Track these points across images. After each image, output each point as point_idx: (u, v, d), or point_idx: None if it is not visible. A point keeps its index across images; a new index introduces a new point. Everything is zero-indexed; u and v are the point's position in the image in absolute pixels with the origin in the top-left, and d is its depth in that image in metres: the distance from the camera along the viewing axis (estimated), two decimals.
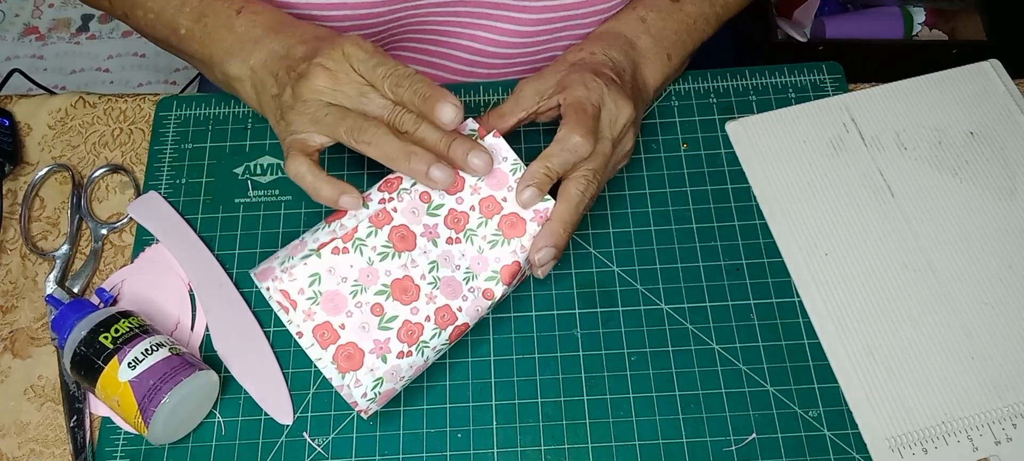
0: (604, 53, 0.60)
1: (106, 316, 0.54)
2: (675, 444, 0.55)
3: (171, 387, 0.51)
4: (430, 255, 0.53)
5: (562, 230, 0.55)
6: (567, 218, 0.55)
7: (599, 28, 0.65)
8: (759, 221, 0.62)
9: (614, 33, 0.63)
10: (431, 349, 0.52)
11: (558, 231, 0.55)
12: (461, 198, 0.54)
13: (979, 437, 0.54)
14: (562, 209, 0.55)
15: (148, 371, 0.51)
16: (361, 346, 0.51)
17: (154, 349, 0.52)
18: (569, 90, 0.56)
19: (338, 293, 0.51)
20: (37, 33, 1.72)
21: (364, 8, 0.62)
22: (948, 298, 0.58)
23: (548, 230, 0.55)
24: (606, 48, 0.61)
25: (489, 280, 0.53)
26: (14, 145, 0.66)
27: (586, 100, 0.56)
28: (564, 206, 0.55)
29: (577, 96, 0.56)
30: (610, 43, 0.62)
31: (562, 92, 0.57)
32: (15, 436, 0.56)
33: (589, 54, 0.60)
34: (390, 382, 0.51)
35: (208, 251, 0.62)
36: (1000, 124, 0.64)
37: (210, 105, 0.68)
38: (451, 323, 0.52)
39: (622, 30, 0.63)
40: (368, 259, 0.52)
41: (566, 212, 0.55)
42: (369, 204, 0.53)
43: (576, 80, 0.57)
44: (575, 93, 0.56)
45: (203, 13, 0.59)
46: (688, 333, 0.58)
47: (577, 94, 0.56)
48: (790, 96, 0.67)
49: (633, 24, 0.64)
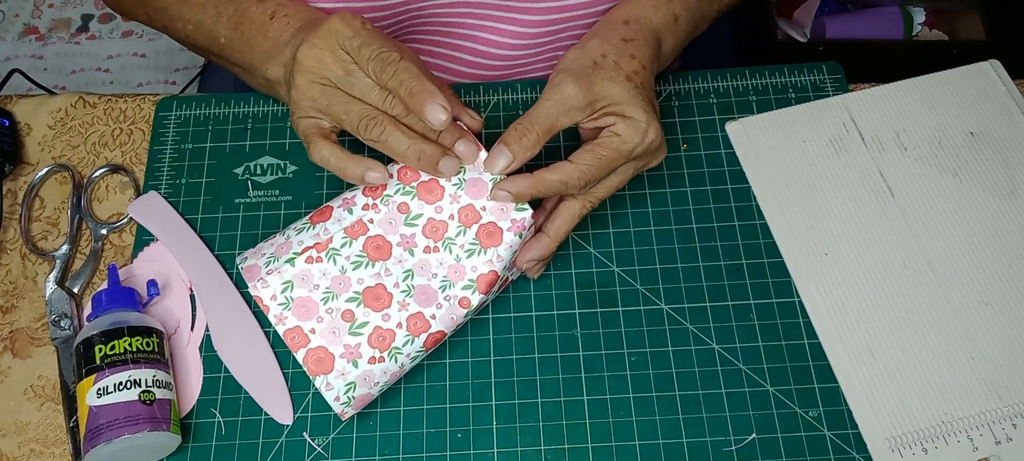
0: (641, 62, 0.57)
1: (123, 326, 0.53)
2: (675, 444, 0.55)
3: (113, 436, 0.50)
4: (406, 264, 0.53)
5: (555, 245, 0.56)
6: (564, 234, 0.56)
7: (632, 12, 0.60)
8: (759, 221, 0.62)
9: (650, 31, 0.59)
10: (405, 356, 0.53)
11: (552, 247, 0.56)
12: (440, 207, 0.54)
13: (979, 437, 0.54)
14: (561, 226, 0.55)
15: (107, 407, 0.51)
16: (331, 350, 0.51)
17: (127, 386, 0.52)
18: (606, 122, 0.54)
19: (309, 299, 0.52)
20: (37, 33, 1.72)
21: (367, 10, 0.62)
22: (948, 298, 0.58)
23: (542, 244, 0.55)
24: (642, 52, 0.57)
25: (466, 289, 0.54)
26: (14, 145, 0.66)
27: (618, 148, 0.54)
28: (564, 225, 0.56)
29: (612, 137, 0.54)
30: (645, 46, 0.58)
31: (596, 113, 0.54)
32: (15, 436, 0.56)
33: (627, 60, 0.56)
34: (364, 387, 0.52)
35: (208, 251, 0.62)
36: (1000, 124, 0.64)
37: (210, 105, 0.68)
38: (425, 330, 0.53)
39: (657, 28, 0.60)
40: (341, 268, 0.53)
41: (564, 229, 0.56)
42: (353, 209, 0.54)
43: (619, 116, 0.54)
44: (615, 131, 0.54)
45: (239, 21, 0.60)
46: (688, 333, 0.58)
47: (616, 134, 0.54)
48: (790, 96, 0.67)
49: (667, 23, 0.60)
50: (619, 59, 0.56)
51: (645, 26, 0.59)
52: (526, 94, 0.68)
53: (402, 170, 0.54)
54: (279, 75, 0.58)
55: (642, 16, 0.59)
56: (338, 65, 0.53)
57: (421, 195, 0.54)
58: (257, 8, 0.59)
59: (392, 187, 0.54)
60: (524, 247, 0.55)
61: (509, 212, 0.54)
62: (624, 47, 0.57)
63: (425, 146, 0.52)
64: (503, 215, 0.54)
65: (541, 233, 0.56)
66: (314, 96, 0.54)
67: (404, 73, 0.51)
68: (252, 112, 0.67)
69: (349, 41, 0.52)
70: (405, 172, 0.54)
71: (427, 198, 0.54)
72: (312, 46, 0.53)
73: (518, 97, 0.68)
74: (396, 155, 0.53)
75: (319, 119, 0.54)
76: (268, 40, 0.58)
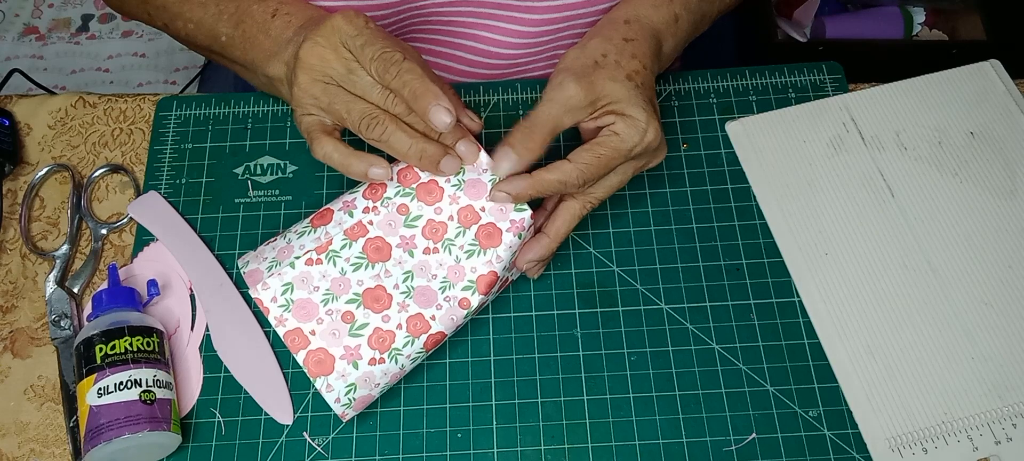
0: (642, 62, 0.57)
1: (123, 326, 0.53)
2: (675, 444, 0.55)
3: (113, 436, 0.50)
4: (405, 265, 0.53)
5: (555, 245, 0.56)
6: (564, 235, 0.56)
7: (633, 12, 0.60)
8: (759, 221, 0.62)
9: (651, 31, 0.59)
10: (405, 357, 0.53)
11: (552, 247, 0.56)
12: (439, 208, 0.54)
13: (979, 437, 0.54)
14: (561, 227, 0.56)
15: (108, 407, 0.51)
16: (331, 352, 0.51)
17: (128, 386, 0.52)
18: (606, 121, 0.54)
19: (309, 301, 0.52)
20: (37, 33, 1.72)
21: (368, 8, 0.62)
22: (948, 298, 0.58)
23: (541, 245, 0.55)
24: (643, 52, 0.57)
25: (465, 290, 0.54)
26: (14, 145, 0.66)
27: (617, 147, 0.54)
28: (563, 225, 0.56)
29: (611, 136, 0.54)
30: (646, 46, 0.58)
31: (597, 112, 0.54)
32: (15, 436, 0.56)
33: (628, 59, 0.56)
34: (364, 388, 0.52)
35: (208, 251, 0.62)
36: (1000, 124, 0.64)
37: (210, 105, 0.68)
38: (425, 331, 0.53)
39: (658, 28, 0.60)
40: (341, 270, 0.53)
41: (564, 229, 0.56)
42: (354, 212, 0.54)
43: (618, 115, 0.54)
44: (615, 129, 0.54)
45: (241, 19, 0.60)
46: (688, 333, 0.58)
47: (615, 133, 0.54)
48: (790, 96, 0.67)
49: (668, 23, 0.60)
50: (620, 58, 0.56)
51: (646, 26, 0.59)
52: (526, 94, 0.68)
53: (401, 172, 0.55)
54: (281, 73, 0.58)
55: (643, 16, 0.59)
56: (340, 63, 0.53)
57: (420, 196, 0.54)
58: (258, 6, 0.59)
59: (391, 189, 0.54)
60: (524, 247, 0.55)
61: (508, 213, 0.54)
62: (625, 46, 0.57)
63: (427, 145, 0.52)
64: (502, 216, 0.54)
65: (541, 233, 0.56)
66: (316, 94, 0.54)
67: (407, 74, 0.51)
68: (252, 112, 0.67)
69: (352, 39, 0.52)
70: (404, 174, 0.54)
71: (426, 199, 0.54)
72: (315, 44, 0.53)
73: (518, 97, 0.68)
74: (398, 154, 0.53)
75: (322, 116, 0.55)
76: (270, 38, 0.58)
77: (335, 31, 0.53)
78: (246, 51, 0.60)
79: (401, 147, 0.52)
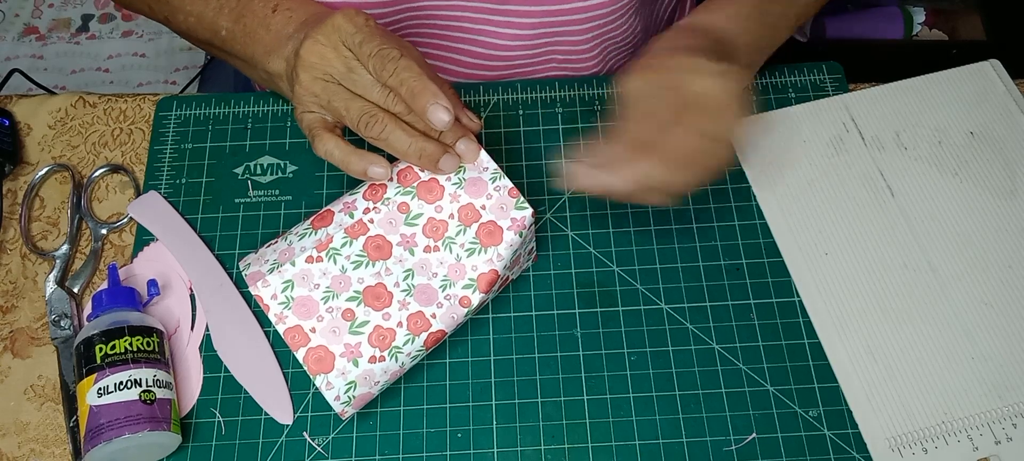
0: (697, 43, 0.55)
1: (123, 326, 0.53)
2: (675, 444, 0.55)
3: (113, 436, 0.50)
4: (406, 263, 0.53)
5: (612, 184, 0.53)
6: (622, 188, 0.53)
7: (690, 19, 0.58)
8: (759, 221, 0.62)
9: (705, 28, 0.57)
10: (405, 355, 0.52)
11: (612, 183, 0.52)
12: (440, 206, 0.54)
13: (979, 437, 0.54)
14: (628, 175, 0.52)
15: (108, 407, 0.51)
16: (331, 350, 0.51)
17: (128, 386, 0.52)
18: None
19: (310, 298, 0.52)
20: (37, 33, 1.72)
21: (368, 7, 0.62)
22: (948, 298, 0.58)
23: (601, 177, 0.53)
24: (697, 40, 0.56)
25: (466, 288, 0.54)
26: (14, 145, 0.66)
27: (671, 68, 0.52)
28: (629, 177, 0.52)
29: None
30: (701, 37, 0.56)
31: None
32: (15, 436, 0.56)
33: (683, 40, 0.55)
34: (364, 386, 0.52)
35: (208, 251, 0.62)
36: (1000, 124, 0.64)
37: (210, 105, 0.68)
38: (425, 329, 0.53)
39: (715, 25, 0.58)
40: (342, 267, 0.53)
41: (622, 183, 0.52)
42: (354, 213, 0.54)
43: None
44: None
45: (241, 13, 0.60)
46: (688, 333, 0.58)
47: None
48: (790, 96, 0.67)
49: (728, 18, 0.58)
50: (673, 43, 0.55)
51: (700, 25, 0.58)
52: (526, 94, 0.68)
53: (402, 172, 0.55)
54: (280, 69, 0.58)
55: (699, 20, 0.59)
56: (340, 61, 0.53)
57: (421, 195, 0.54)
58: (259, 1, 0.59)
59: (392, 190, 0.54)
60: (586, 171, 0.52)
61: (509, 211, 0.54)
62: (677, 36, 0.56)
63: (426, 144, 0.52)
64: (503, 214, 0.54)
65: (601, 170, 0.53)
66: (316, 92, 0.54)
67: (405, 71, 0.51)
68: (252, 112, 0.67)
69: (351, 37, 0.53)
70: (404, 174, 0.54)
71: (427, 198, 0.54)
72: (315, 42, 0.53)
73: (518, 97, 0.68)
74: (397, 152, 0.53)
75: (322, 114, 0.55)
76: (270, 33, 0.58)
77: (335, 29, 0.53)
78: (246, 46, 0.59)
79: (400, 145, 0.52)
